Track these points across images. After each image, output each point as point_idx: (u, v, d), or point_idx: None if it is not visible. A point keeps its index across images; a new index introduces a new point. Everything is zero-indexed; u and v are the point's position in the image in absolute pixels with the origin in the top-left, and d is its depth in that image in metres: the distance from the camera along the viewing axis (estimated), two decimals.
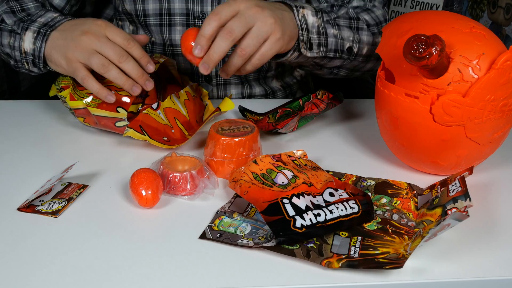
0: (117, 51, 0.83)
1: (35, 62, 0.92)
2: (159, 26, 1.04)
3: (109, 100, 0.85)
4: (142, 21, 1.04)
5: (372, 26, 1.01)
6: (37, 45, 0.90)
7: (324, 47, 0.93)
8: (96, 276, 0.60)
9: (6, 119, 0.97)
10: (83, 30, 0.86)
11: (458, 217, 0.61)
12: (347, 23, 0.97)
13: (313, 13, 0.92)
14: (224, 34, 0.80)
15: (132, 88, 0.84)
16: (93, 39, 0.84)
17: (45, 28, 0.91)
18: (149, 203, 0.71)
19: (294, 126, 0.93)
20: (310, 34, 0.91)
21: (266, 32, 0.82)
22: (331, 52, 0.95)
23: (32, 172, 0.80)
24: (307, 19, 0.90)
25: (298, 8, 0.90)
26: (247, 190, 0.71)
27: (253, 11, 0.82)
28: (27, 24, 0.92)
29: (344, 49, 0.96)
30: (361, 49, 0.98)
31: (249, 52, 0.82)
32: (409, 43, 0.69)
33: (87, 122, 0.90)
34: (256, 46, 0.82)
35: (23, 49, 0.92)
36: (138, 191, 0.71)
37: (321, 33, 0.92)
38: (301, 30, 0.89)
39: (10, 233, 0.67)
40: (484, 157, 0.81)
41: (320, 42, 0.93)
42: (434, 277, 0.62)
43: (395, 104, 0.77)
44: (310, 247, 0.65)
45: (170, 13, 1.03)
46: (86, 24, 0.87)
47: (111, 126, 0.88)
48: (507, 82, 0.73)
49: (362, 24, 0.99)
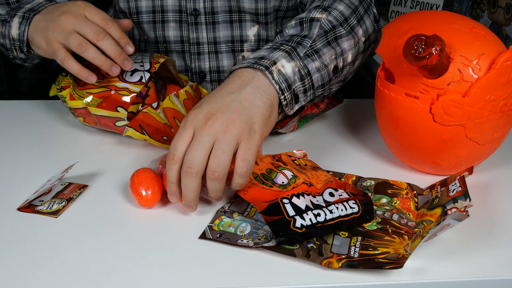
0: (95, 29, 0.83)
1: (21, 47, 0.93)
2: (152, 23, 1.04)
3: (90, 81, 0.84)
4: (135, 18, 1.04)
5: (349, 18, 0.89)
6: (21, 29, 0.91)
7: (311, 90, 0.82)
8: (96, 276, 0.60)
9: (6, 119, 0.97)
10: (62, 10, 0.86)
11: (458, 217, 0.61)
12: (324, 40, 0.83)
13: (287, 58, 0.78)
14: (185, 173, 0.69)
15: (111, 68, 0.84)
16: (72, 19, 0.84)
17: (29, 13, 0.91)
18: (149, 203, 0.71)
19: (294, 126, 0.93)
20: (294, 85, 0.78)
21: (230, 143, 0.69)
22: (319, 89, 0.83)
23: (32, 172, 0.80)
24: (285, 73, 0.77)
25: (270, 68, 0.76)
26: (247, 190, 0.71)
27: (206, 128, 0.69)
28: (15, 11, 0.93)
29: (331, 75, 0.84)
30: (346, 59, 0.87)
31: (221, 171, 0.68)
32: (409, 43, 0.69)
33: (87, 122, 0.90)
34: (226, 161, 0.69)
35: (11, 36, 0.93)
36: (138, 191, 0.71)
37: (304, 75, 0.79)
38: (282, 93, 0.76)
39: (10, 233, 0.67)
40: (484, 157, 0.81)
41: (306, 87, 0.80)
42: (434, 277, 0.62)
43: (395, 104, 0.77)
44: (310, 247, 0.65)
45: (162, 10, 1.03)
46: (66, 6, 0.87)
47: (111, 125, 0.88)
48: (507, 82, 0.73)
49: (339, 30, 0.86)
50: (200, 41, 1.04)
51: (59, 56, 0.84)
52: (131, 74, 0.89)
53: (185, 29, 1.03)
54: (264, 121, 0.73)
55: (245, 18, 1.03)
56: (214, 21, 1.03)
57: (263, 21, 1.05)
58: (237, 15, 1.03)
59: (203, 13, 1.02)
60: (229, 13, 1.03)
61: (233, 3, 1.02)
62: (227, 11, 1.02)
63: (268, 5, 1.03)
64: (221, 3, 1.02)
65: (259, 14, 1.03)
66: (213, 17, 1.03)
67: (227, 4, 1.02)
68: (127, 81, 0.88)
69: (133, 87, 0.88)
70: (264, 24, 1.05)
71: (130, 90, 0.87)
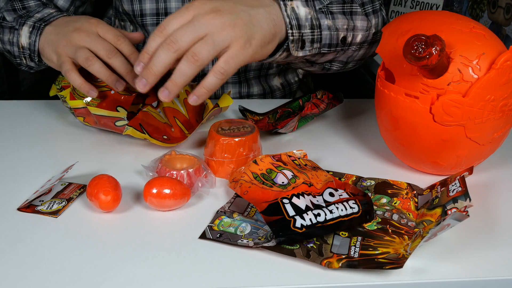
0: (106, 47, 0.84)
1: (31, 56, 0.93)
2: (156, 25, 1.04)
3: (92, 95, 0.85)
4: (140, 21, 1.04)
5: (366, 4, 0.90)
6: (32, 39, 0.91)
7: (318, 43, 0.83)
8: (96, 276, 0.60)
9: (6, 119, 0.97)
10: (75, 26, 0.86)
11: (458, 217, 0.61)
12: (340, 8, 0.85)
13: (303, 3, 0.80)
14: (166, 44, 0.68)
15: (115, 84, 0.84)
16: (84, 36, 0.85)
17: (40, 23, 0.91)
18: (109, 206, 0.70)
19: (294, 126, 0.93)
20: (303, 30, 0.79)
21: (223, 40, 0.69)
22: (325, 48, 0.84)
23: (32, 172, 0.80)
24: (298, 13, 0.79)
25: (286, 1, 0.78)
26: (247, 190, 0.71)
27: (207, 18, 0.69)
28: (24, 19, 0.93)
29: (339, 41, 0.86)
30: (355, 37, 0.88)
31: (202, 58, 0.68)
32: (409, 43, 0.69)
33: (87, 122, 0.90)
34: (211, 53, 0.68)
35: (20, 44, 0.94)
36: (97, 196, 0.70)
37: (315, 26, 0.81)
38: (291, 28, 0.78)
39: (10, 233, 0.67)
40: (484, 157, 0.81)
41: (314, 37, 0.81)
42: (434, 277, 0.62)
43: (395, 104, 0.77)
44: (310, 247, 0.65)
45: (166, 13, 1.03)
46: (79, 21, 0.87)
47: (111, 125, 0.88)
48: (507, 82, 0.73)
49: (356, 7, 0.88)
50: None
51: (64, 68, 0.85)
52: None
53: None
54: (263, 43, 0.74)
55: None
56: None
57: None
58: None
59: None
60: None
61: None
62: None
63: None
64: None
65: None
66: None
67: None
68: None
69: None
70: None
71: (130, 90, 0.88)
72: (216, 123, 0.83)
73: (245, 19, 0.72)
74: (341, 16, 0.85)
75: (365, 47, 0.93)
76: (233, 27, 0.70)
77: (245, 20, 0.72)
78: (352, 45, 0.89)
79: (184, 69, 0.68)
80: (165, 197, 0.70)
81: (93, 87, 0.85)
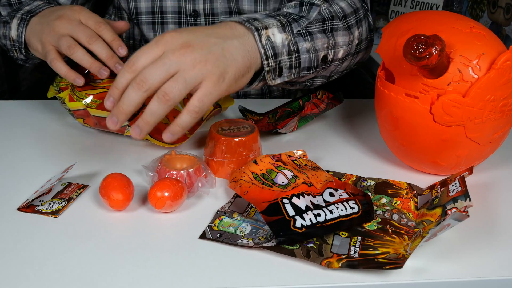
0: (87, 33, 0.83)
1: (20, 48, 0.94)
2: (151, 24, 1.04)
3: (78, 83, 0.83)
4: (135, 19, 1.04)
5: (349, 16, 0.88)
6: (19, 31, 0.92)
7: (296, 68, 0.80)
8: (96, 276, 0.60)
9: (6, 119, 0.97)
10: (58, 15, 0.86)
11: (458, 217, 0.61)
12: (320, 27, 0.83)
13: (280, 29, 0.77)
14: (135, 83, 0.66)
15: (100, 71, 0.82)
16: (66, 23, 0.84)
17: (27, 15, 0.92)
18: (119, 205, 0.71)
19: (294, 126, 0.93)
20: (280, 57, 0.77)
21: (195, 78, 0.67)
22: (304, 71, 0.82)
23: (32, 172, 0.80)
24: (274, 40, 0.76)
25: (260, 31, 0.75)
26: (247, 190, 0.71)
27: (177, 54, 0.67)
28: (14, 12, 0.94)
29: (319, 62, 0.83)
30: (337, 54, 0.86)
31: (174, 97, 0.66)
32: (409, 43, 0.69)
33: (86, 123, 0.90)
34: (182, 92, 0.66)
35: (11, 37, 0.94)
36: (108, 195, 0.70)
37: (293, 51, 0.78)
38: (267, 59, 0.75)
39: (10, 233, 0.67)
40: (484, 157, 0.81)
41: (292, 63, 0.79)
42: (434, 277, 0.62)
43: (395, 104, 0.77)
44: (310, 247, 0.65)
45: (162, 11, 1.03)
46: (62, 10, 0.87)
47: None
48: (507, 82, 0.73)
49: (337, 23, 0.86)
50: None
51: (48, 57, 0.85)
52: None
53: None
54: (237, 76, 0.71)
55: None
56: (213, 23, 1.03)
57: None
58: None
59: (203, 15, 1.02)
60: (229, 14, 1.02)
61: (233, 5, 1.02)
62: (227, 12, 1.02)
63: (268, 7, 1.03)
64: (221, 4, 1.02)
65: None
66: (212, 18, 1.03)
67: (227, 5, 1.02)
68: None
69: None
70: None
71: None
72: (216, 123, 0.83)
73: (217, 54, 0.69)
74: (320, 35, 0.83)
75: (349, 60, 0.91)
76: (204, 63, 0.67)
77: (217, 55, 0.69)
78: (334, 62, 0.87)
79: (155, 109, 0.66)
80: (168, 200, 0.70)
81: (79, 75, 0.84)
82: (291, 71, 0.80)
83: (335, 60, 0.86)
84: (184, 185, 0.72)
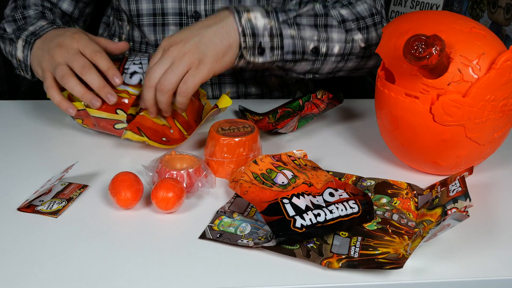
0: (81, 63, 0.85)
1: (26, 70, 0.97)
2: (152, 26, 1.04)
3: (69, 113, 0.86)
4: (136, 21, 1.04)
5: (349, 22, 0.95)
6: (25, 53, 0.95)
7: (279, 50, 0.90)
8: (96, 276, 0.60)
9: (6, 119, 0.97)
10: (58, 42, 0.89)
11: (458, 217, 0.61)
12: (311, 21, 0.92)
13: (263, 14, 0.89)
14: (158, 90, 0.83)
15: (92, 101, 0.85)
16: (64, 52, 0.87)
17: (31, 37, 0.94)
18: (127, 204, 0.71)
19: (294, 126, 0.93)
20: (260, 38, 0.88)
21: (181, 67, 0.82)
22: (288, 55, 0.91)
23: (32, 172, 0.80)
24: (255, 23, 0.88)
25: (241, 13, 0.87)
26: (247, 190, 0.71)
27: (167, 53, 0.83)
28: (20, 32, 0.96)
29: (307, 50, 0.92)
30: (331, 48, 0.94)
31: (166, 86, 0.82)
32: (409, 43, 0.69)
33: (85, 124, 0.90)
34: (174, 79, 0.82)
35: (17, 57, 0.97)
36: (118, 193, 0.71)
37: (275, 35, 0.89)
38: (243, 36, 0.87)
39: (10, 233, 0.67)
40: (484, 157, 0.81)
41: (274, 45, 0.89)
42: (434, 277, 0.62)
43: (395, 104, 0.77)
44: (310, 247, 0.65)
45: (163, 13, 1.03)
46: (63, 36, 0.90)
47: (110, 128, 0.88)
48: (507, 82, 0.73)
49: (332, 20, 0.93)
50: None
51: (45, 84, 0.88)
52: (130, 76, 0.89)
53: None
54: (216, 58, 0.85)
55: None
56: None
57: None
58: None
59: (204, 16, 1.02)
60: None
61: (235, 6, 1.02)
62: None
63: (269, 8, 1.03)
64: (222, 5, 1.02)
65: None
66: None
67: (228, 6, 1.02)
68: (127, 83, 0.88)
69: (133, 89, 0.88)
70: None
71: (129, 93, 0.87)
72: (216, 123, 0.83)
73: (197, 43, 0.84)
74: (309, 28, 0.92)
75: (355, 60, 0.97)
76: (187, 54, 0.83)
77: (197, 44, 0.84)
78: (330, 56, 0.94)
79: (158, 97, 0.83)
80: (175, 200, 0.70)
81: (72, 105, 0.86)
82: (273, 52, 0.90)
83: (330, 55, 0.94)
84: (183, 186, 0.72)
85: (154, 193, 0.70)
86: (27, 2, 1.03)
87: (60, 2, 1.06)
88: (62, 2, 1.06)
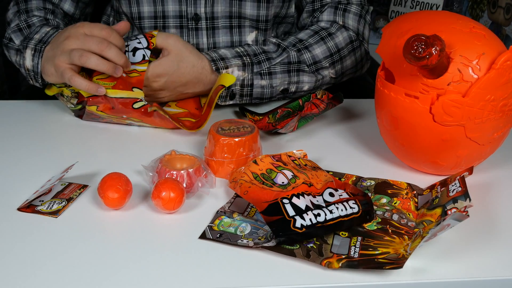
0: (96, 42, 0.87)
1: (36, 77, 0.97)
2: (153, 28, 1.05)
3: (100, 93, 0.89)
4: (137, 23, 1.05)
5: (321, 62, 1.02)
6: (35, 61, 0.95)
7: (248, 97, 0.99)
8: (96, 276, 0.60)
9: (6, 119, 0.97)
10: (65, 36, 0.90)
11: (458, 217, 0.61)
12: (285, 68, 1.00)
13: (240, 68, 0.97)
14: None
15: (115, 71, 0.88)
16: (73, 40, 0.88)
17: (40, 45, 0.95)
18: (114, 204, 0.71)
19: (294, 126, 0.93)
20: (232, 87, 0.97)
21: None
22: (256, 100, 1.00)
23: (32, 172, 0.80)
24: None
25: (220, 70, 0.96)
26: (247, 190, 0.71)
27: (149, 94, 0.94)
28: (27, 42, 0.97)
29: (275, 94, 1.01)
30: (301, 88, 1.02)
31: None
32: (409, 43, 0.69)
33: (100, 111, 0.91)
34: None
35: (26, 66, 0.97)
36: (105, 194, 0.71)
37: (245, 85, 0.98)
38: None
39: (10, 233, 0.67)
40: (484, 157, 0.81)
41: (243, 93, 0.99)
42: (434, 277, 0.62)
43: (395, 104, 0.77)
44: (310, 247, 0.65)
45: (164, 16, 1.03)
46: (67, 31, 0.91)
47: (129, 109, 0.90)
48: (507, 82, 0.73)
49: (304, 66, 1.01)
50: (200, 47, 1.05)
51: (66, 76, 0.88)
52: (133, 54, 0.91)
53: (185, 35, 1.04)
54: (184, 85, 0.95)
55: (245, 24, 1.04)
56: (214, 27, 1.04)
57: (262, 28, 1.06)
58: (236, 21, 1.04)
59: (204, 18, 1.03)
60: (229, 18, 1.03)
61: (235, 9, 1.03)
62: (227, 16, 1.03)
63: (270, 12, 1.04)
64: (222, 8, 1.02)
65: (259, 20, 1.04)
66: (213, 22, 1.03)
67: (228, 9, 1.02)
68: (131, 62, 0.91)
69: (139, 66, 0.91)
70: (263, 30, 1.06)
71: (138, 71, 0.90)
72: (216, 123, 0.83)
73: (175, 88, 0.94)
74: (281, 75, 1.00)
75: (324, 86, 1.06)
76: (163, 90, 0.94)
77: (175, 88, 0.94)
78: (299, 93, 1.03)
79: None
80: (177, 199, 0.70)
81: (100, 85, 0.88)
82: (243, 99, 1.00)
83: (299, 92, 1.03)
84: (183, 186, 0.72)
85: (154, 193, 0.70)
86: (29, 6, 1.04)
87: (61, 3, 1.07)
88: (63, 3, 1.07)
